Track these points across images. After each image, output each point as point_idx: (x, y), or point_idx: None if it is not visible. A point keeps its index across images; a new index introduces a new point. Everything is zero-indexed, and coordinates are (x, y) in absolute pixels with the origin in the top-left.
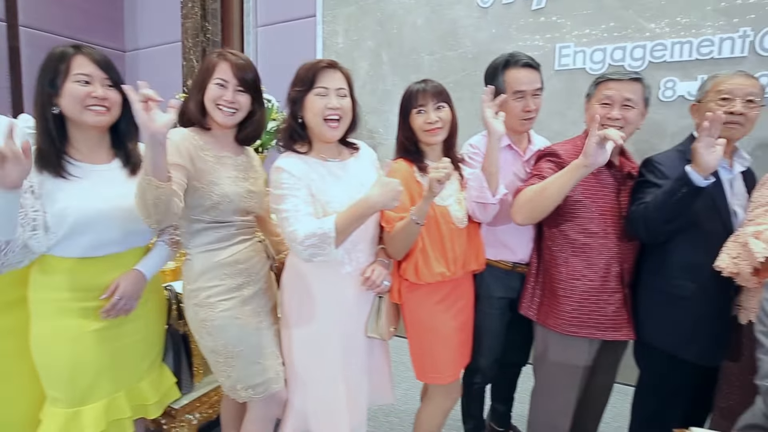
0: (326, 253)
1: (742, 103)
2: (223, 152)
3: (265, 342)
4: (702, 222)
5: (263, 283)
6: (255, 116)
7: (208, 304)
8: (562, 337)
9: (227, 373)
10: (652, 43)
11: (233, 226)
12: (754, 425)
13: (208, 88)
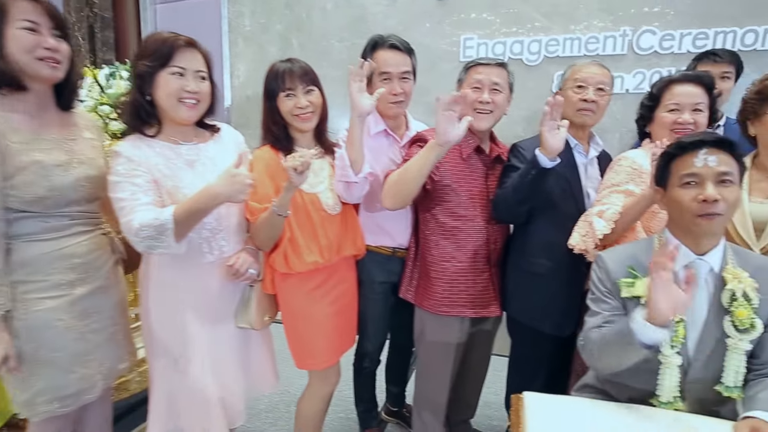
0: (165, 246)
1: (594, 91)
2: (43, 131)
3: (90, 347)
4: (558, 204)
5: (104, 280)
6: (73, 68)
7: (22, 300)
8: (435, 317)
9: (29, 383)
10: (547, 38)
11: (66, 217)
12: (586, 384)
13: (12, 35)
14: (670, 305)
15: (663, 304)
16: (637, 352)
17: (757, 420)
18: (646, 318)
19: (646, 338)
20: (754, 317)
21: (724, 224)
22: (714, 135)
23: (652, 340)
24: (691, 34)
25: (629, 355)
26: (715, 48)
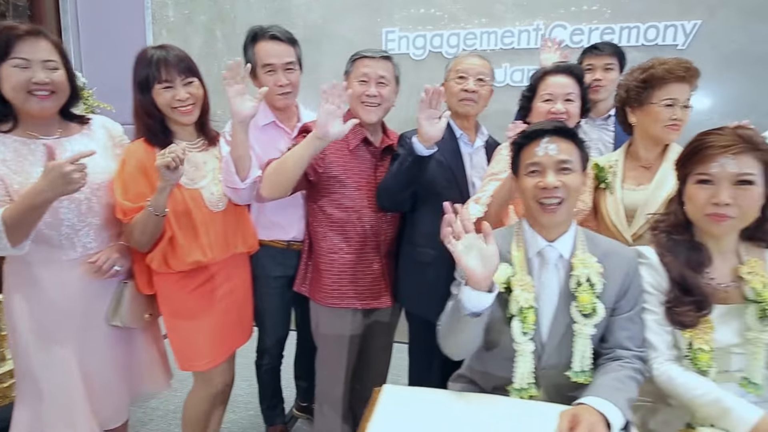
0: (1, 247)
1: (474, 82)
2: None
3: None
4: (442, 193)
5: None
6: None
7: None
8: (327, 310)
9: None
10: (465, 32)
11: None
12: (459, 375)
13: None
14: (480, 266)
15: (475, 268)
16: (466, 323)
17: (582, 406)
18: (467, 284)
19: (472, 305)
20: (596, 302)
21: (567, 211)
22: (554, 124)
23: (478, 307)
24: (598, 29)
25: (461, 327)
26: (596, 43)
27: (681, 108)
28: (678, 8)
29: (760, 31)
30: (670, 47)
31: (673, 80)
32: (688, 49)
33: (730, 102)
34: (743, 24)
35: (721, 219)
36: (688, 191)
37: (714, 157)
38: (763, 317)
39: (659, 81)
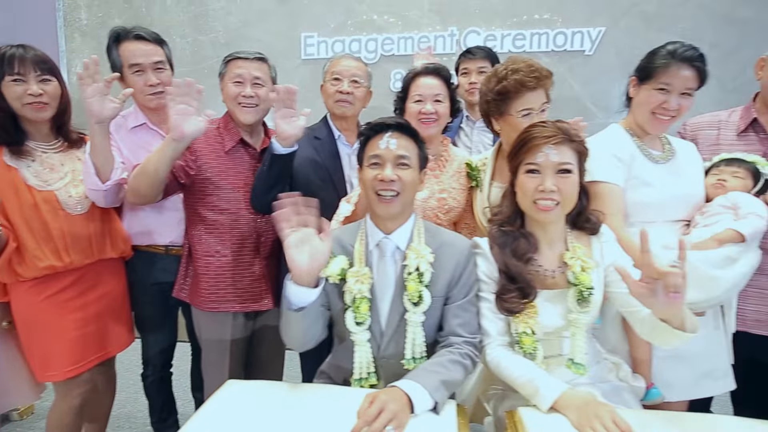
0: None
1: (349, 83)
2: None
3: None
4: (318, 193)
5: None
6: None
7: None
8: (206, 314)
9: None
10: (382, 37)
11: None
12: (321, 371)
13: None
14: (307, 261)
15: (300, 263)
16: (291, 318)
17: (389, 388)
18: (291, 279)
19: (297, 300)
20: (422, 290)
21: (403, 204)
22: (397, 120)
23: (302, 302)
24: (510, 34)
25: (289, 322)
26: (470, 47)
27: (538, 114)
28: (584, 16)
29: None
30: (578, 52)
31: (525, 91)
32: (594, 55)
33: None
34: (644, 32)
35: (546, 209)
36: (519, 181)
37: (539, 147)
38: (581, 299)
39: (513, 93)
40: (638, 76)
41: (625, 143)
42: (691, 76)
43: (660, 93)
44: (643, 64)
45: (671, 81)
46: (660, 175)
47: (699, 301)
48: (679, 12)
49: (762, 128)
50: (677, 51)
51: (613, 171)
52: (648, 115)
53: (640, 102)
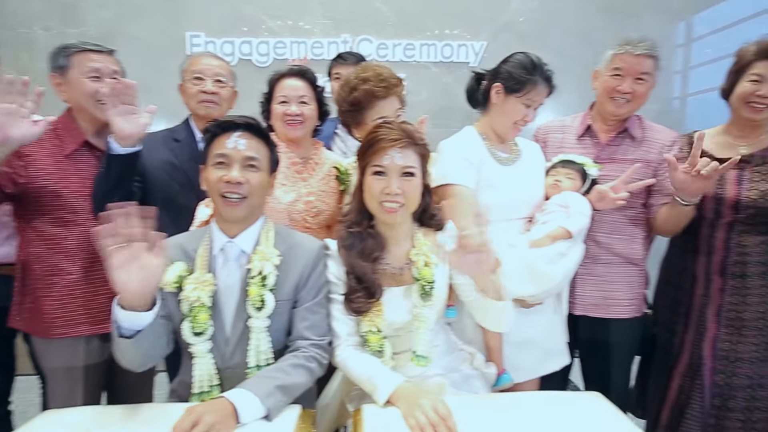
0: None
1: (213, 82)
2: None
3: None
4: (176, 198)
5: None
6: None
7: None
8: (50, 342)
9: None
10: (274, 41)
11: None
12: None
13: None
14: (137, 281)
15: (126, 283)
16: (124, 345)
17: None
18: (119, 303)
19: (129, 325)
20: (264, 294)
21: (250, 207)
22: (247, 119)
23: (135, 326)
24: (401, 44)
25: (122, 349)
26: (341, 52)
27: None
28: (468, 30)
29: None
30: (464, 64)
31: (377, 100)
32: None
33: None
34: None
35: (391, 211)
36: (366, 182)
37: (385, 150)
38: (424, 294)
39: (365, 103)
40: (506, 87)
41: (476, 146)
42: (546, 93)
43: (525, 107)
44: (513, 76)
45: (536, 98)
46: (506, 176)
47: (536, 294)
48: (548, 31)
49: (595, 133)
50: (542, 69)
51: (464, 173)
52: (510, 125)
53: (504, 111)
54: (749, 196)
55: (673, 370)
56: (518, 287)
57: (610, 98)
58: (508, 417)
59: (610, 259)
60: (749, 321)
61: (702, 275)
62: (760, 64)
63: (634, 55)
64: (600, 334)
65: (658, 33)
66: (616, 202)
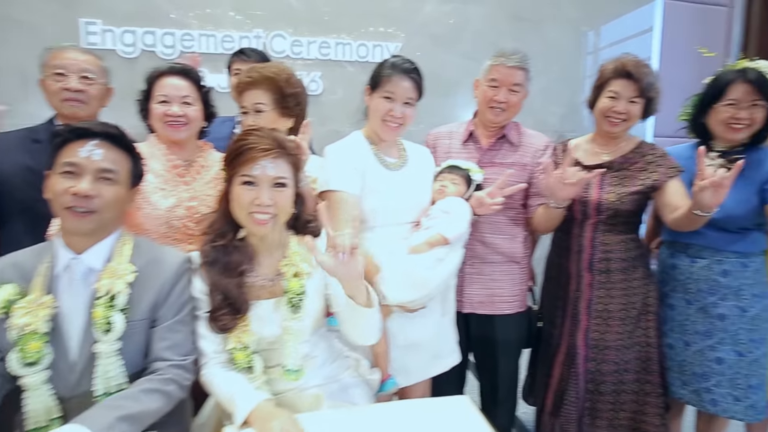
0: None
1: (78, 79)
2: None
3: None
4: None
5: None
6: None
7: None
8: None
9: None
10: (181, 32)
11: None
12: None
13: None
14: None
15: None
16: None
17: None
18: None
19: None
20: (111, 316)
21: (100, 221)
22: (106, 127)
23: None
24: (316, 42)
25: None
26: (243, 48)
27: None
28: (383, 31)
29: (446, 58)
30: None
31: (244, 90)
32: None
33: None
34: (433, 51)
35: (262, 222)
36: (234, 192)
37: (256, 160)
38: (292, 306)
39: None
40: (370, 86)
41: (362, 151)
42: (409, 87)
43: (386, 101)
44: (374, 74)
45: (394, 90)
46: (391, 181)
47: (415, 299)
48: (460, 35)
49: (477, 139)
50: (397, 63)
51: (346, 179)
52: (379, 122)
53: (373, 109)
54: (608, 198)
55: (554, 360)
56: (398, 293)
57: (489, 107)
58: (371, 429)
59: (495, 258)
60: (614, 312)
61: (574, 272)
62: (616, 82)
63: (507, 67)
64: (487, 330)
65: (562, 42)
66: (492, 207)
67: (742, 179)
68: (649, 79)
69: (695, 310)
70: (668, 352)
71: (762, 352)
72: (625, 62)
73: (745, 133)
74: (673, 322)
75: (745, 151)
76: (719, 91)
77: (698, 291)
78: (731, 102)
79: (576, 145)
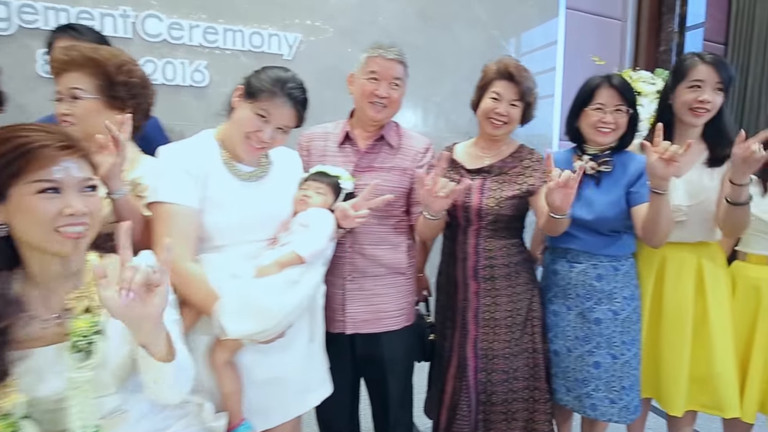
0: None
1: None
2: None
3: None
4: None
5: None
6: None
7: None
8: None
9: None
10: (19, 3)
11: None
12: None
13: None
14: None
15: None
16: None
17: None
18: None
19: None
20: None
21: None
22: None
23: None
24: (200, 26)
25: None
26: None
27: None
28: (281, 20)
29: (351, 53)
30: (277, 56)
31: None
32: (293, 60)
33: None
34: (338, 44)
35: (76, 236)
36: (26, 205)
37: (54, 160)
38: (77, 351)
39: None
40: (246, 90)
41: (205, 155)
42: (290, 116)
43: (258, 119)
44: (255, 81)
45: (273, 113)
46: (241, 194)
47: (263, 330)
48: (366, 29)
49: (355, 141)
50: (286, 85)
51: (179, 189)
52: (241, 136)
53: (239, 117)
54: (488, 204)
55: (446, 374)
56: (239, 325)
57: (369, 103)
58: None
59: (377, 271)
60: (500, 320)
61: (461, 280)
62: (499, 83)
63: (387, 59)
64: (373, 349)
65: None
66: (356, 220)
67: (612, 182)
68: (528, 83)
69: (575, 315)
70: (554, 359)
71: (633, 353)
72: (508, 63)
73: (612, 137)
74: (557, 328)
75: (613, 155)
76: (588, 95)
77: (576, 296)
78: (599, 106)
79: (459, 150)
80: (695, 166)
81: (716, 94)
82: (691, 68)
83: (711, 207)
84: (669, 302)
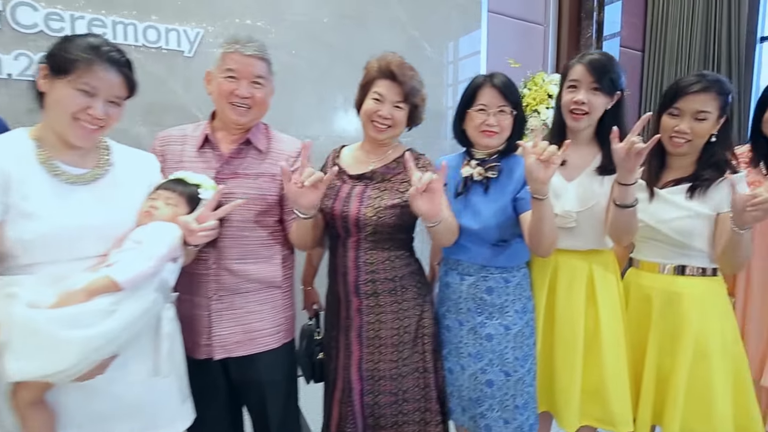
0: None
1: None
2: None
3: None
4: None
5: None
6: None
7: None
8: None
9: None
10: None
11: None
12: None
13: None
14: None
15: None
16: None
17: None
18: None
19: None
20: None
21: None
22: None
23: None
24: (84, 18)
25: None
26: None
27: None
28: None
29: None
30: (177, 52)
31: None
32: (196, 57)
33: None
34: None
35: None
36: None
37: None
38: None
39: None
40: (51, 67)
41: (10, 156)
42: (118, 83)
43: (83, 95)
44: (59, 53)
45: (97, 84)
46: (68, 199)
47: (53, 373)
48: (277, 26)
49: (216, 145)
50: (101, 48)
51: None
52: (67, 120)
53: (56, 101)
54: (365, 213)
55: (333, 398)
56: (25, 365)
57: (230, 104)
58: None
59: (248, 286)
60: (386, 339)
61: (343, 296)
62: (381, 82)
63: (245, 55)
64: (249, 372)
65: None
66: (199, 234)
67: (498, 188)
68: (413, 83)
69: (467, 331)
70: (448, 377)
71: (526, 369)
72: (390, 61)
73: (497, 140)
74: (450, 345)
75: (500, 159)
76: (471, 96)
77: (468, 311)
78: (481, 107)
79: (345, 153)
80: (586, 171)
81: (592, 94)
82: (570, 69)
83: (601, 213)
84: (561, 312)
